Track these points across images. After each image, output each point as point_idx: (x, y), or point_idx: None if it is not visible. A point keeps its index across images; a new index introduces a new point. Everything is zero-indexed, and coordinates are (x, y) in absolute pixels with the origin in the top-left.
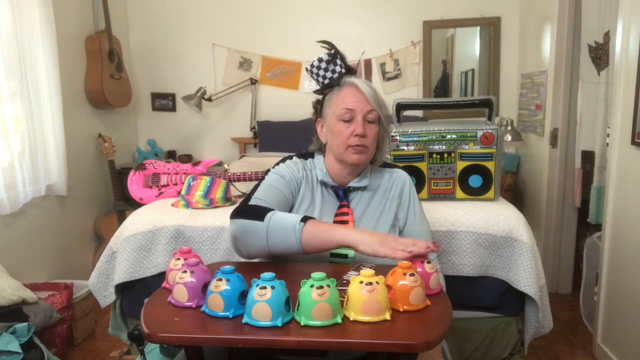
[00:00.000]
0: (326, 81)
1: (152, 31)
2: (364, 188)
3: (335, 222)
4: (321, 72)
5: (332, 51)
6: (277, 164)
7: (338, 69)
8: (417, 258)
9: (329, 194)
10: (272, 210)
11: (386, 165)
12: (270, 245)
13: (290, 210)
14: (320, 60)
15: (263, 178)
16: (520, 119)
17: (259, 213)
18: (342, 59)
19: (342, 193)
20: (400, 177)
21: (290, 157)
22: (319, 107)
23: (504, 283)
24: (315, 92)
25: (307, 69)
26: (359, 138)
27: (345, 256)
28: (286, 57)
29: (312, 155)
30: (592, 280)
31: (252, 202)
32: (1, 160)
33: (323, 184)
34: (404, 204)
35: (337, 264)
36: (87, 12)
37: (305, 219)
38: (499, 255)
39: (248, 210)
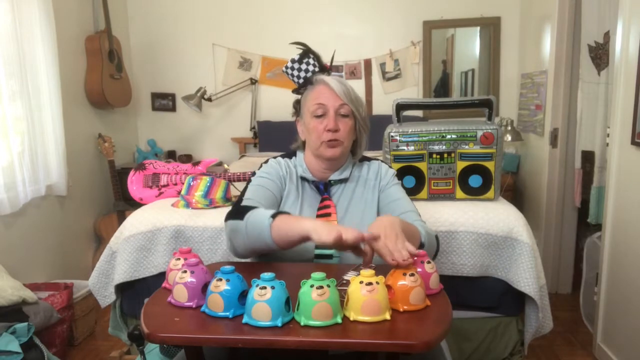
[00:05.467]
0: (301, 80)
1: (152, 31)
2: (345, 180)
3: (318, 216)
4: (295, 72)
5: (302, 51)
6: (261, 165)
7: (311, 67)
8: (418, 258)
9: (311, 189)
10: (255, 207)
11: (365, 159)
12: (250, 243)
13: (278, 207)
14: (292, 60)
15: (250, 180)
16: (520, 119)
17: (242, 212)
18: (316, 57)
19: (323, 187)
20: (376, 166)
21: (275, 157)
22: (298, 106)
23: (504, 283)
24: (294, 91)
25: (283, 70)
26: (332, 133)
27: (330, 257)
28: (286, 57)
29: (294, 154)
30: (592, 280)
31: (243, 203)
32: (1, 160)
33: (304, 179)
34: (381, 188)
35: (322, 264)
36: (87, 12)
37: (276, 215)
38: (499, 255)
39: (235, 211)
